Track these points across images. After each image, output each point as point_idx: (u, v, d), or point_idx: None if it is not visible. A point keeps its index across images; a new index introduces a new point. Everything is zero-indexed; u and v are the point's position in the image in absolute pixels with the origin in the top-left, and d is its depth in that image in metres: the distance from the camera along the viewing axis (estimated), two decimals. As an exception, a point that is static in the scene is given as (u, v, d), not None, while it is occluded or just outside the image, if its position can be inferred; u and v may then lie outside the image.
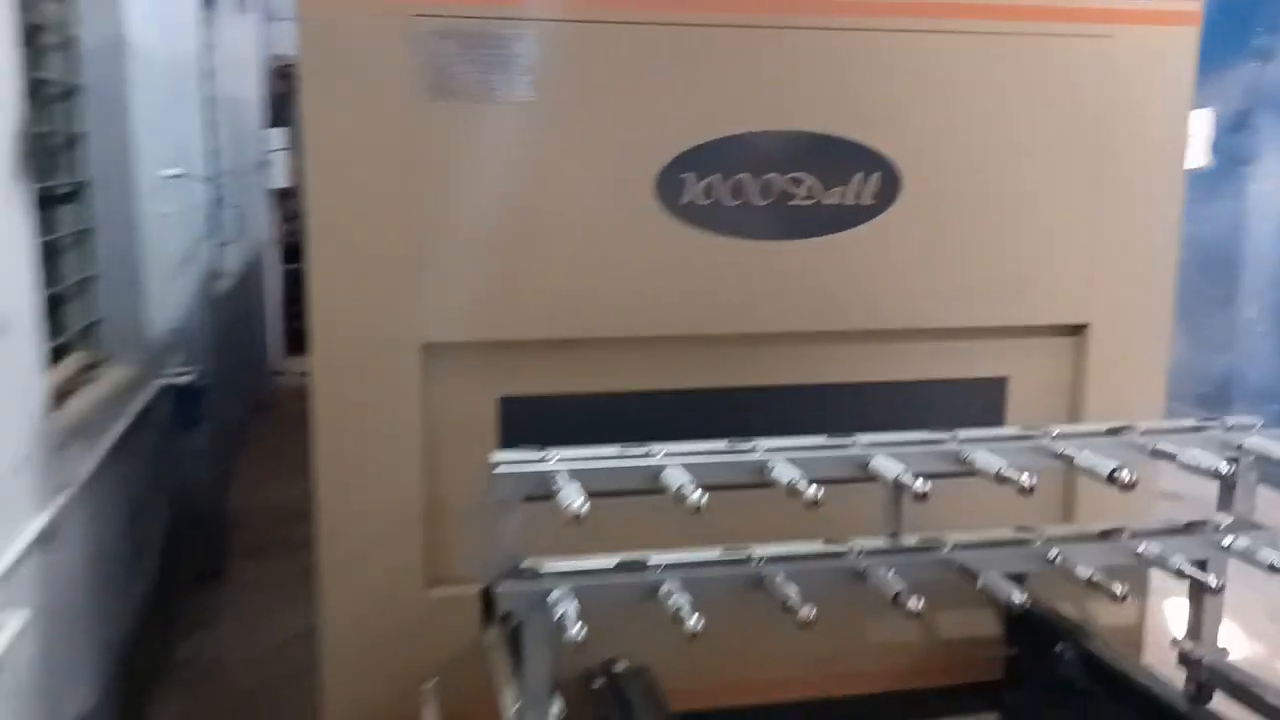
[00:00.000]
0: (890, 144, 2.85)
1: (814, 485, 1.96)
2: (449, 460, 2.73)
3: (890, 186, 2.87)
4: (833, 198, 2.84)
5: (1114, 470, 2.04)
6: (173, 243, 4.01)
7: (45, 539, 2.30)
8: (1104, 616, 3.09)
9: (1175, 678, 2.64)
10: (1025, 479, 2.00)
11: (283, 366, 8.37)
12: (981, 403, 3.07)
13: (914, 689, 3.14)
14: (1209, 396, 6.19)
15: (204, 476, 4.43)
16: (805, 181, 2.82)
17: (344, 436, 2.69)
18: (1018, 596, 2.11)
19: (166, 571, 3.78)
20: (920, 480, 2.02)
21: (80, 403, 2.91)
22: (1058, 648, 2.84)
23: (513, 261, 2.72)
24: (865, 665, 3.11)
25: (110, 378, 3.27)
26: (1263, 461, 2.40)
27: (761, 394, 2.89)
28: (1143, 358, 3.10)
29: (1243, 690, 2.39)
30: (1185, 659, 2.52)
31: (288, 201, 8.56)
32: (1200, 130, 6.27)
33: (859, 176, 2.84)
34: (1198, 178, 6.31)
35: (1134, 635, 3.13)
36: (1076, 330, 3.08)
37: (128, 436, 3.21)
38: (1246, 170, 5.93)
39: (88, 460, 2.78)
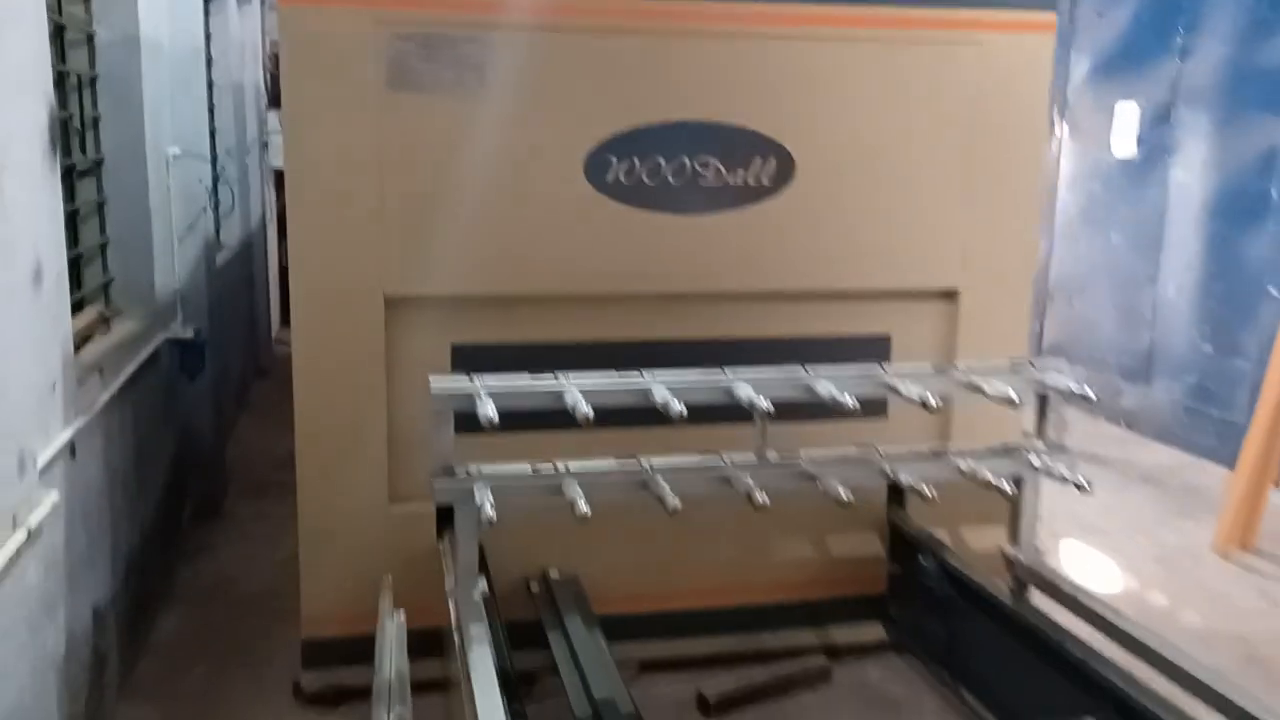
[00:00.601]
0: (785, 133, 3.35)
1: (680, 404, 2.46)
2: (408, 397, 3.23)
3: (785, 169, 3.37)
4: (736, 179, 3.35)
5: (922, 398, 2.54)
6: (177, 215, 4.50)
7: (69, 451, 2.80)
8: (975, 541, 3.60)
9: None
10: (850, 401, 2.51)
11: (280, 336, 8.89)
12: (868, 357, 3.56)
13: (810, 600, 3.66)
14: (1134, 369, 6.68)
15: (205, 423, 4.95)
16: (712, 164, 3.33)
17: (319, 375, 3.22)
18: (845, 495, 2.62)
19: (170, 503, 4.29)
20: (766, 400, 2.52)
21: (95, 348, 3.41)
22: (921, 559, 3.36)
23: (463, 228, 3.22)
24: (767, 579, 3.63)
25: (121, 329, 3.77)
26: (1067, 397, 2.87)
27: (674, 346, 3.38)
28: (1006, 320, 3.59)
29: (1048, 584, 2.90)
30: (1007, 559, 3.04)
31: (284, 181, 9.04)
32: (1128, 123, 6.75)
33: (758, 161, 3.35)
34: (1127, 167, 6.79)
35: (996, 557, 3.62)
36: (949, 295, 3.59)
37: (135, 379, 3.71)
38: (1169, 160, 6.41)
39: (102, 395, 3.27)
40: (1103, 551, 4.67)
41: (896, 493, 3.63)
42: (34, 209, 2.55)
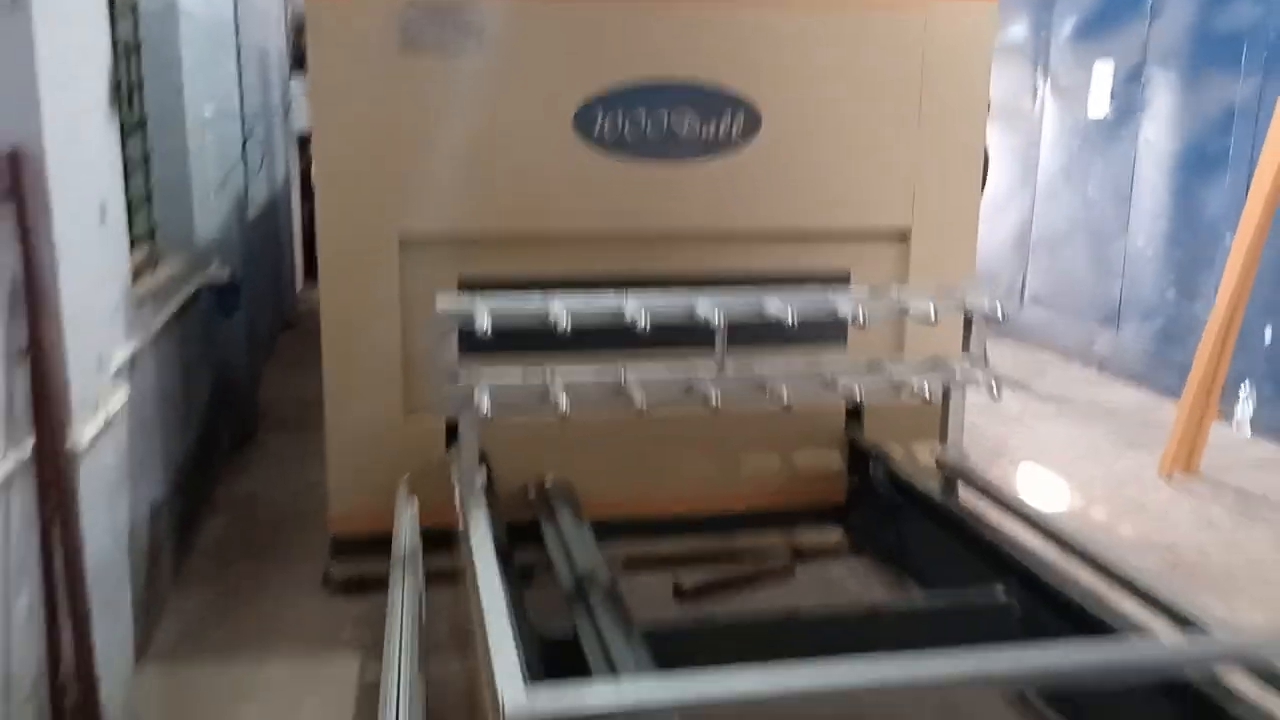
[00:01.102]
0: (752, 90, 3.77)
1: (646, 318, 2.91)
2: (422, 322, 3.68)
3: (753, 122, 3.79)
4: (708, 131, 3.77)
5: (853, 314, 2.97)
6: (211, 169, 4.95)
7: (128, 366, 3.27)
8: (926, 457, 4.04)
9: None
10: (792, 316, 2.94)
11: (304, 294, 9.37)
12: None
13: (778, 508, 4.12)
14: (1106, 316, 7.05)
15: (239, 361, 5.43)
16: (687, 118, 3.75)
17: (343, 305, 3.68)
18: (786, 397, 3.06)
19: (210, 431, 4.77)
20: (721, 315, 2.96)
21: (146, 284, 3.87)
22: (872, 469, 3.81)
23: (466, 176, 3.66)
24: (740, 489, 4.09)
25: (166, 269, 4.24)
26: (989, 318, 3.29)
27: (653, 280, 3.78)
28: (953, 258, 4.01)
29: (971, 480, 3.35)
30: (938, 462, 3.48)
31: (309, 144, 9.50)
32: (1103, 83, 7.08)
33: (728, 115, 3.77)
34: (1102, 125, 7.14)
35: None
36: (902, 235, 4.01)
37: (179, 315, 4.18)
38: (1139, 118, 6.74)
39: (153, 323, 3.74)
40: (1056, 474, 5.10)
41: (855, 413, 4.08)
42: (99, 155, 3.01)
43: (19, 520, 2.27)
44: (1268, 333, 5.72)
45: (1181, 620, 2.46)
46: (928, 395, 3.17)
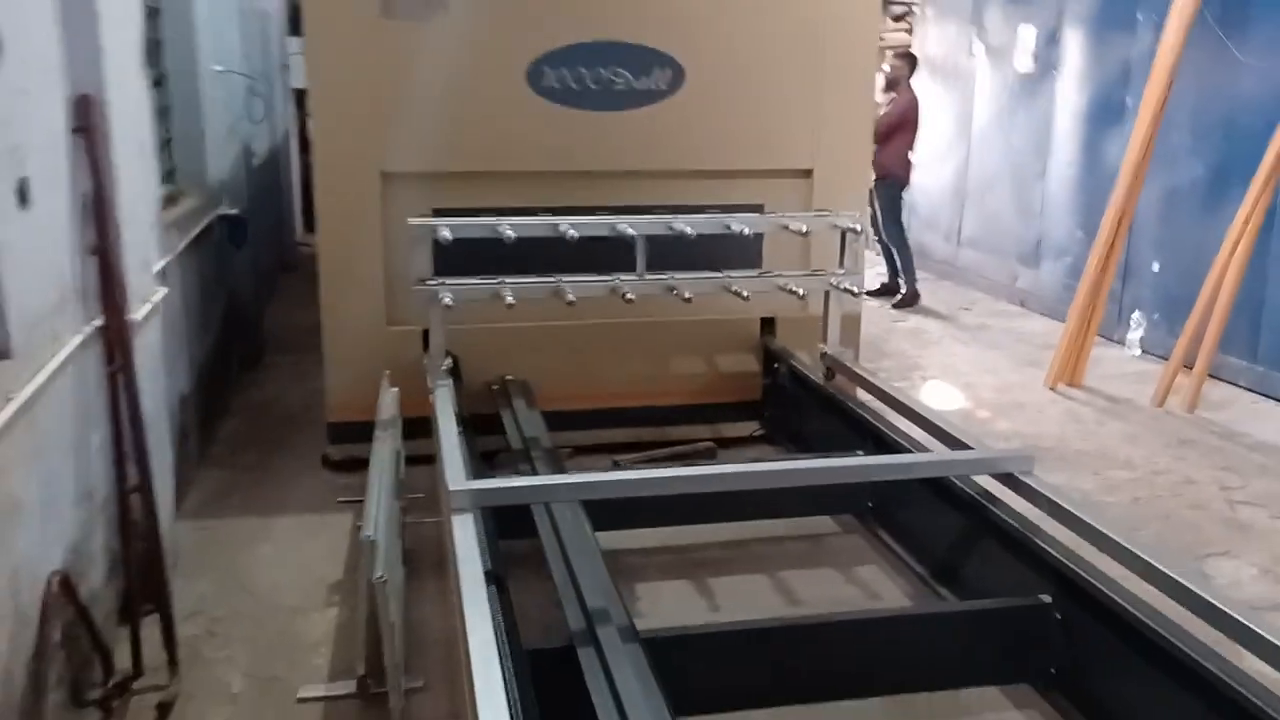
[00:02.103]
0: (677, 49, 4.50)
1: (575, 232, 3.67)
2: (400, 244, 4.43)
3: (678, 77, 4.53)
4: (640, 84, 4.51)
5: (742, 229, 3.73)
6: (221, 119, 5.67)
7: (162, 274, 4.02)
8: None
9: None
10: (690, 232, 3.70)
11: (303, 239, 10.10)
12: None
13: (704, 404, 4.89)
14: (1027, 254, 7.79)
15: (246, 290, 6.18)
16: (622, 73, 4.48)
17: (336, 232, 4.43)
18: (687, 295, 3.82)
19: (223, 345, 5.53)
20: (636, 230, 3.72)
21: (170, 213, 4.63)
22: (775, 365, 4.59)
23: (438, 123, 4.39)
24: (672, 387, 4.86)
25: (185, 203, 4.98)
26: (860, 235, 4.04)
27: (594, 211, 4.54)
28: (849, 191, 4.75)
29: (845, 369, 4.13)
30: (820, 355, 4.26)
31: (305, 100, 10.19)
32: (1027, 43, 7.77)
33: (657, 70, 4.50)
34: (1025, 81, 7.85)
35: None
36: (806, 173, 4.75)
37: (197, 241, 4.93)
38: (1055, 74, 7.43)
39: (177, 245, 4.49)
40: (956, 386, 5.89)
41: (769, 324, 4.85)
42: (138, 103, 3.74)
43: (92, 376, 3.04)
44: (1155, 267, 6.48)
45: (961, 445, 3.26)
46: (799, 293, 3.94)
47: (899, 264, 7.81)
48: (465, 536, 2.51)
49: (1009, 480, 2.99)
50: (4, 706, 2.31)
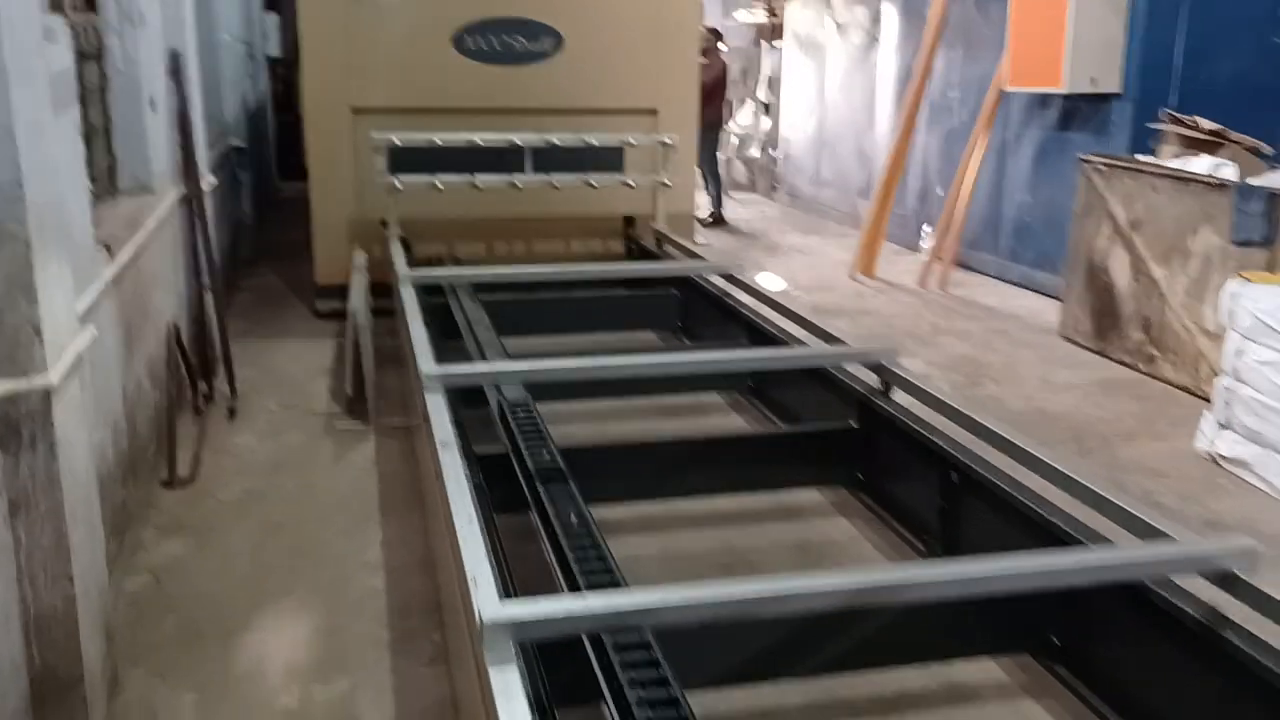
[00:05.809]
0: (558, 20, 6.49)
1: (482, 142, 5.65)
2: (367, 163, 6.36)
3: (559, 41, 6.52)
4: (534, 46, 6.49)
5: (589, 141, 5.73)
6: (230, 77, 7.57)
7: (213, 169, 5.94)
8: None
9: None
10: (559, 143, 5.69)
11: (279, 186, 11.95)
12: (608, 151, 6.72)
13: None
14: (864, 190, 9.87)
15: (247, 208, 8.09)
16: (520, 38, 6.46)
17: (321, 149, 6.37)
18: (556, 182, 5.82)
19: (234, 245, 7.45)
20: (524, 141, 5.71)
21: (211, 133, 6.54)
22: (631, 246, 6.62)
23: (391, 71, 6.35)
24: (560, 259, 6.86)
25: (215, 130, 6.90)
26: (673, 147, 6.06)
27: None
28: (682, 125, 6.76)
29: (671, 240, 6.16)
30: (653, 231, 6.28)
31: (278, 68, 12.02)
32: (858, 20, 9.83)
33: (544, 37, 6.49)
34: (858, 51, 9.90)
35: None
36: (653, 112, 6.76)
37: (221, 160, 6.84)
38: (877, 45, 9.48)
39: (212, 160, 6.40)
40: (782, 277, 7.95)
41: (630, 221, 6.86)
42: (153, 65, 5.64)
43: (180, 227, 4.98)
44: (939, 191, 8.58)
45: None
46: (631, 184, 5.96)
47: (714, 193, 10.00)
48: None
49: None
50: (156, 402, 4.26)
